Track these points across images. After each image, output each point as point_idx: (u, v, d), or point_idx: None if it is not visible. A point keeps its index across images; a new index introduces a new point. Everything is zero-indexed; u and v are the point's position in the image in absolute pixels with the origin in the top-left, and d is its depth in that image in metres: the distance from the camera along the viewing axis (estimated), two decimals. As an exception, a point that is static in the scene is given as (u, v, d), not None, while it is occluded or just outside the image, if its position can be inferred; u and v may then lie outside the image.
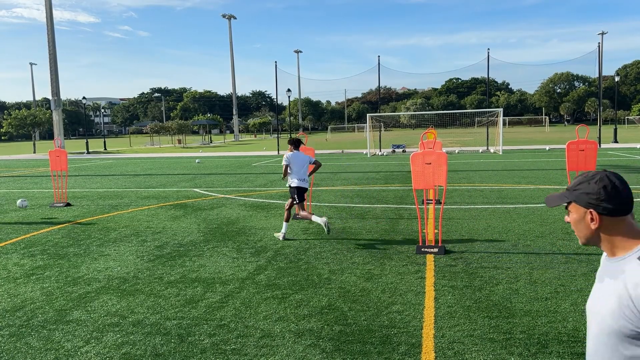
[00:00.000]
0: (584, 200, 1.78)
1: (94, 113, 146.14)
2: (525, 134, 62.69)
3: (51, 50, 43.38)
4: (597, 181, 1.76)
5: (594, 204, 1.76)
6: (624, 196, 1.74)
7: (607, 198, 1.74)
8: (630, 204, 1.75)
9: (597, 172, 1.81)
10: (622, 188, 1.75)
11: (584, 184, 1.79)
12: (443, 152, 7.92)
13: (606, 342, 1.77)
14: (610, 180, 1.75)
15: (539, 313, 5.31)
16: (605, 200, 1.74)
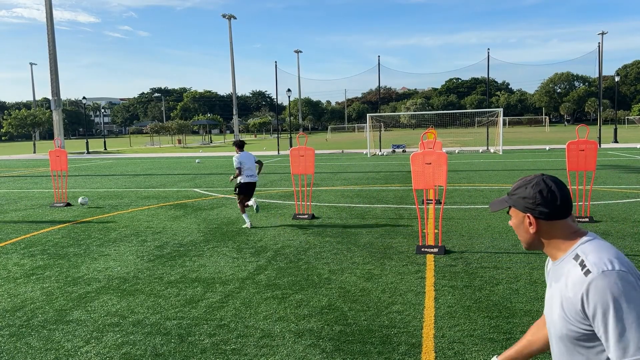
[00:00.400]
0: (522, 204, 1.77)
1: (94, 113, 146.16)
2: (525, 134, 62.69)
3: (51, 50, 43.38)
4: (534, 185, 1.75)
5: (530, 209, 1.75)
6: (560, 200, 1.72)
7: (543, 202, 1.72)
8: (567, 207, 1.73)
9: (535, 176, 1.80)
10: (559, 192, 1.73)
11: (521, 189, 1.78)
12: (443, 152, 7.92)
13: (563, 348, 1.73)
14: (547, 185, 1.73)
15: (539, 313, 5.31)
16: (541, 205, 1.73)
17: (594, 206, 11.35)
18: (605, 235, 8.64)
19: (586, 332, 1.62)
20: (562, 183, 1.77)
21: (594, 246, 1.67)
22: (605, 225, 9.44)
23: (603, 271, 1.56)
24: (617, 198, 12.65)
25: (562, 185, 1.76)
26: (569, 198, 1.74)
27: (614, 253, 1.64)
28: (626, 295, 1.53)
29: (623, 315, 1.51)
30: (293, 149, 11.12)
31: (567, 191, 1.76)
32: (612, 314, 1.52)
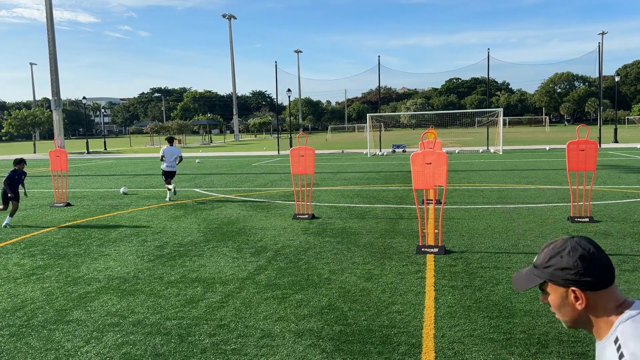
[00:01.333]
0: (561, 277, 1.48)
1: (94, 113, 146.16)
2: (525, 134, 62.69)
3: (51, 50, 43.38)
4: (570, 252, 1.48)
5: (574, 280, 1.46)
6: (605, 263, 1.47)
7: (588, 270, 1.45)
8: (612, 271, 1.49)
9: (565, 239, 1.53)
10: (600, 254, 1.48)
11: (555, 259, 1.50)
12: (443, 152, 7.92)
13: None
14: (584, 248, 1.47)
15: (539, 313, 5.31)
16: (586, 274, 1.45)
17: (594, 206, 11.35)
18: (606, 235, 8.64)
19: None
20: (595, 242, 1.52)
21: (636, 327, 1.40)
22: (605, 225, 9.44)
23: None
24: (617, 198, 12.65)
25: (598, 246, 1.51)
26: (610, 260, 1.50)
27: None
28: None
29: None
30: (293, 149, 11.12)
31: (604, 252, 1.51)
32: None
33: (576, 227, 9.39)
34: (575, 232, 8.93)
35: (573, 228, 9.29)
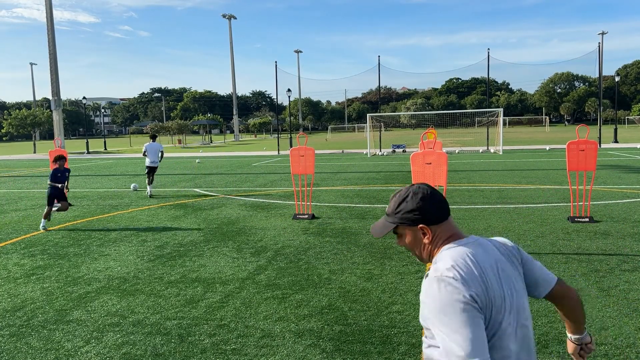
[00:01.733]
0: (410, 218, 1.74)
1: (94, 113, 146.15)
2: (525, 134, 62.69)
3: (51, 50, 43.37)
4: (413, 196, 1.75)
5: (421, 219, 1.74)
6: (439, 200, 1.75)
7: (429, 207, 1.73)
8: (447, 205, 1.78)
9: (407, 187, 1.81)
10: (434, 193, 1.76)
11: (403, 204, 1.76)
12: (443, 152, 7.92)
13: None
14: (423, 191, 1.76)
15: (539, 313, 5.31)
16: (426, 213, 1.73)
17: (594, 206, 11.35)
18: (606, 235, 8.64)
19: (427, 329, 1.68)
20: (430, 186, 1.80)
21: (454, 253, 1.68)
22: (605, 225, 9.44)
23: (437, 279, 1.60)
24: (617, 198, 12.65)
25: (433, 188, 1.79)
26: (443, 197, 1.78)
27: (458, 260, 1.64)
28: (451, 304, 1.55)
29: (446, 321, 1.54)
30: (293, 149, 11.12)
31: (440, 193, 1.79)
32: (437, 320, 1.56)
33: (576, 227, 9.39)
34: (575, 233, 8.94)
35: (573, 228, 9.29)
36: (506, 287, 1.68)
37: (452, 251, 1.68)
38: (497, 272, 1.68)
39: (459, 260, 1.63)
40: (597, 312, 5.29)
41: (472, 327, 1.53)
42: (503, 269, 1.71)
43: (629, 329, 4.87)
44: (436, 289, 1.58)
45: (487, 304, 1.60)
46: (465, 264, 1.62)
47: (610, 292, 5.87)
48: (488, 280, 1.62)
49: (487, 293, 1.60)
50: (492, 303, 1.61)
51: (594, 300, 5.66)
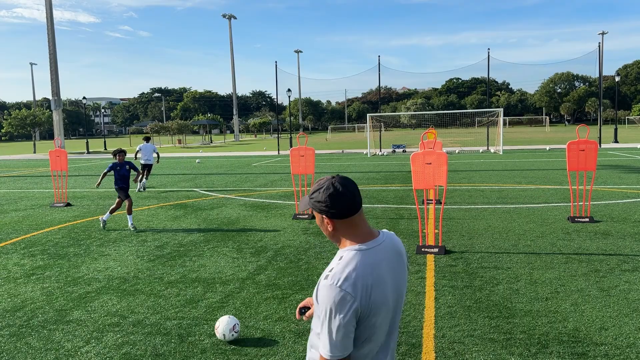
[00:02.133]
0: (317, 207, 1.94)
1: (94, 113, 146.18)
2: (525, 134, 62.69)
3: (51, 50, 43.39)
4: (324, 190, 1.92)
5: (325, 211, 1.92)
6: (347, 201, 1.90)
7: (333, 204, 1.90)
8: (353, 206, 1.91)
9: (327, 179, 1.96)
10: (347, 193, 1.90)
11: (316, 193, 1.95)
12: (443, 152, 7.92)
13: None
14: (335, 188, 1.90)
15: (539, 313, 5.31)
16: (331, 208, 1.91)
17: (594, 206, 11.35)
18: (606, 235, 8.64)
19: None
20: (350, 184, 1.94)
21: (351, 258, 1.87)
22: (605, 225, 9.43)
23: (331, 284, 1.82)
24: (617, 198, 12.65)
25: (349, 187, 1.93)
26: (353, 197, 1.92)
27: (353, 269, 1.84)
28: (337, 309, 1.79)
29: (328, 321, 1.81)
30: (293, 149, 11.12)
31: (352, 191, 1.93)
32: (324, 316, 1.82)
33: (576, 227, 9.39)
34: (575, 233, 8.94)
35: (573, 228, 9.29)
36: (393, 291, 1.93)
37: (351, 257, 1.88)
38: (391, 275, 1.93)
39: (357, 272, 1.84)
40: (597, 312, 5.30)
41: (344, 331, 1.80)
42: (397, 271, 1.96)
43: (629, 329, 4.86)
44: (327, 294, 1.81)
45: (366, 311, 1.83)
46: (359, 277, 1.83)
47: (610, 292, 5.87)
48: (372, 289, 1.84)
49: (369, 301, 1.83)
50: (373, 308, 1.84)
51: (594, 300, 5.66)
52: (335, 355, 1.84)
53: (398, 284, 1.97)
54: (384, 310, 1.89)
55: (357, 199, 1.94)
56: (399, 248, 2.03)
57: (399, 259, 2.00)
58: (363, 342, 1.90)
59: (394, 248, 2.00)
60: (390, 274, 1.94)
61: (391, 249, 1.99)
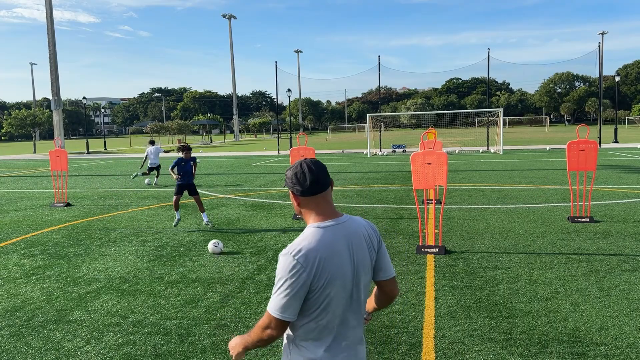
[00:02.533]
0: (287, 184, 2.19)
1: (94, 113, 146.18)
2: (525, 134, 62.68)
3: (51, 50, 43.38)
4: (293, 169, 2.16)
5: (290, 187, 2.17)
6: (310, 181, 2.11)
7: (294, 183, 2.14)
8: (315, 187, 2.11)
9: (298, 161, 2.19)
10: (309, 174, 2.11)
11: (288, 171, 2.19)
12: (443, 152, 7.92)
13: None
14: (301, 168, 2.13)
15: (539, 313, 5.31)
16: (294, 185, 2.14)
17: (594, 206, 11.35)
18: (606, 235, 8.64)
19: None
20: (318, 166, 2.14)
21: (309, 234, 2.08)
22: (605, 225, 9.43)
23: (286, 253, 2.04)
24: (618, 198, 12.65)
25: (315, 169, 2.13)
26: (317, 180, 2.12)
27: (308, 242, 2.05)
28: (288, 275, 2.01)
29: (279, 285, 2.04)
30: (293, 149, 11.12)
31: (317, 173, 2.12)
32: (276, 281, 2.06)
33: (576, 227, 9.39)
34: (575, 233, 8.94)
35: (573, 228, 9.29)
36: (350, 266, 2.10)
37: (313, 233, 2.08)
38: (348, 253, 2.10)
39: (310, 245, 2.04)
40: (597, 312, 5.30)
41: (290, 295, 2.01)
42: (356, 250, 2.13)
43: (629, 329, 4.86)
44: (282, 261, 2.04)
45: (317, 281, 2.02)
46: (312, 249, 2.03)
47: (610, 292, 5.87)
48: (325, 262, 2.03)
49: (319, 272, 2.02)
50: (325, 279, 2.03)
51: (593, 300, 5.66)
52: (276, 313, 2.05)
53: (356, 261, 2.13)
54: (338, 283, 2.06)
55: (320, 181, 2.13)
56: (360, 230, 2.18)
57: (359, 240, 2.15)
58: (320, 312, 2.08)
59: (355, 229, 2.16)
60: (347, 251, 2.10)
61: (352, 229, 2.15)
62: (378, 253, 2.25)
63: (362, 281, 2.17)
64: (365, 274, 2.18)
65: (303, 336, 2.12)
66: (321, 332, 2.10)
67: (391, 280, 2.31)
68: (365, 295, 2.22)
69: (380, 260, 2.26)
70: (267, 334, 2.10)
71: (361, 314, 2.22)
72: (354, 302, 2.16)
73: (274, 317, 2.06)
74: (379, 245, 2.26)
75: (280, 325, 2.06)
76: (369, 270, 2.20)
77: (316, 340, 2.11)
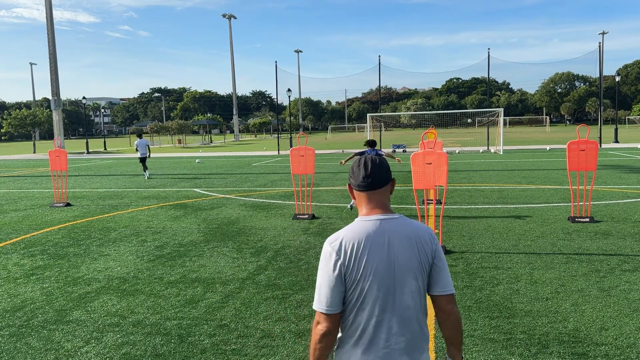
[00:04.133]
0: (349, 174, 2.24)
1: (94, 113, 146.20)
2: (525, 134, 62.67)
3: (51, 50, 43.37)
4: (355, 162, 2.23)
5: (349, 177, 2.24)
6: (361, 177, 2.15)
7: (350, 176, 2.22)
8: (365, 184, 2.15)
9: (365, 155, 2.24)
10: (363, 170, 2.16)
11: (354, 162, 2.26)
12: (443, 152, 7.91)
13: None
14: (359, 163, 2.20)
15: (540, 313, 5.30)
16: (350, 178, 2.22)
17: (594, 206, 11.34)
18: (606, 235, 8.63)
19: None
20: (375, 165, 2.16)
21: (352, 225, 2.12)
22: (605, 225, 9.43)
23: (325, 242, 2.13)
24: (618, 198, 12.65)
25: (372, 167, 2.16)
26: (370, 177, 2.14)
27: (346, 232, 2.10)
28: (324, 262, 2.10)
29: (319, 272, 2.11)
30: (293, 149, 11.11)
31: (373, 171, 2.14)
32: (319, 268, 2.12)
33: (577, 227, 9.38)
34: (575, 233, 8.94)
35: (573, 228, 9.29)
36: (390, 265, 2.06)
37: (355, 224, 2.12)
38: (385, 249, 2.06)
39: (348, 234, 2.08)
40: (597, 312, 5.29)
41: (329, 285, 2.05)
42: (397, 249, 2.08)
43: (629, 329, 4.86)
44: (322, 250, 2.13)
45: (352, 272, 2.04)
46: (348, 238, 2.07)
47: (610, 293, 5.86)
48: (361, 253, 2.04)
49: (355, 263, 2.04)
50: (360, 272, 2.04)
51: (594, 300, 5.65)
52: (316, 305, 2.07)
53: (396, 260, 2.07)
54: (374, 280, 2.04)
55: (374, 180, 2.14)
56: (410, 231, 2.12)
57: (403, 239, 2.09)
58: (356, 310, 2.07)
59: (402, 228, 2.11)
60: (385, 247, 2.06)
61: (398, 228, 2.11)
62: (434, 264, 2.13)
63: (407, 285, 2.07)
64: (411, 278, 2.08)
65: (343, 336, 2.11)
66: (360, 334, 2.07)
67: (448, 297, 2.14)
68: (416, 303, 2.10)
69: (437, 273, 2.13)
70: (319, 329, 2.07)
71: (409, 322, 2.09)
72: (397, 307, 2.07)
73: (316, 311, 2.07)
74: (435, 254, 2.14)
75: (325, 318, 2.04)
76: (418, 275, 2.09)
77: (354, 341, 2.08)
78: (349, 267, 2.03)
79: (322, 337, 2.06)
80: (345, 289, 2.06)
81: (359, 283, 2.04)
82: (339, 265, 2.03)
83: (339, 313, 2.07)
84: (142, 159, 21.41)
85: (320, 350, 2.08)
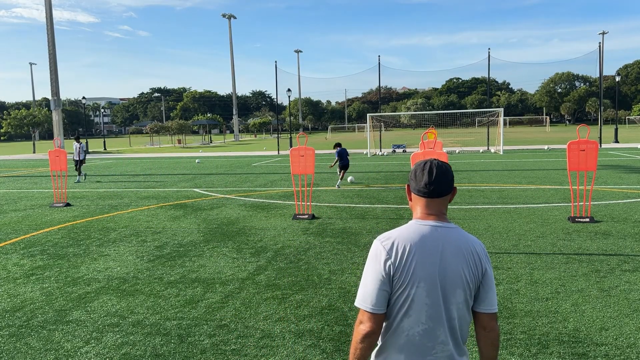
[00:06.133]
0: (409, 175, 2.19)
1: (94, 113, 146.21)
2: (526, 134, 62.67)
3: (51, 50, 43.36)
4: (418, 163, 2.16)
5: (409, 180, 2.18)
6: (424, 182, 2.09)
7: (412, 178, 2.15)
8: (425, 190, 2.09)
9: (429, 158, 2.18)
10: (425, 175, 2.09)
11: (416, 163, 2.20)
12: (444, 152, 7.91)
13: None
14: (420, 167, 2.13)
15: (540, 313, 5.30)
16: (411, 180, 2.15)
17: (594, 206, 11.34)
18: (606, 236, 8.63)
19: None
20: (439, 172, 2.08)
21: (405, 226, 2.09)
22: (606, 225, 9.43)
23: (376, 240, 2.08)
24: (618, 198, 12.64)
25: (436, 174, 2.08)
26: (431, 184, 2.08)
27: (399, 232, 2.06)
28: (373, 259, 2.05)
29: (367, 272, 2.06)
30: (293, 149, 11.11)
31: (436, 179, 2.07)
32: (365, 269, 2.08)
33: (577, 227, 9.38)
34: (575, 233, 8.93)
35: (573, 228, 9.28)
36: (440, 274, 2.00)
37: (409, 225, 2.08)
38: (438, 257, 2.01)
39: (401, 235, 2.04)
40: (597, 313, 5.29)
41: (375, 283, 2.00)
42: (449, 258, 2.02)
43: (629, 329, 4.86)
44: (371, 248, 2.08)
45: (401, 274, 1.99)
46: (401, 239, 2.02)
47: (610, 293, 5.86)
48: (411, 256, 2.00)
49: (404, 265, 1.98)
50: (409, 276, 1.99)
51: (594, 300, 5.65)
52: (359, 303, 2.03)
53: (446, 270, 2.01)
54: (423, 287, 1.99)
55: (435, 187, 2.08)
56: (463, 242, 2.07)
57: (455, 249, 2.04)
58: (402, 315, 2.02)
59: (455, 239, 2.06)
60: (438, 255, 2.01)
61: (452, 237, 2.06)
62: (483, 281, 2.09)
63: (455, 296, 2.03)
64: (459, 289, 2.03)
65: (386, 339, 2.07)
66: (405, 340, 2.02)
67: (491, 315, 2.12)
68: (461, 315, 2.07)
69: (485, 291, 2.10)
70: (361, 328, 2.04)
71: (454, 333, 2.06)
72: (445, 316, 2.03)
73: (360, 309, 2.03)
74: (484, 271, 2.09)
75: (369, 317, 2.00)
76: (466, 288, 2.05)
77: (399, 347, 2.04)
78: (398, 268, 1.98)
79: (364, 337, 2.04)
80: (392, 291, 2.01)
81: (407, 287, 1.99)
82: (389, 265, 1.99)
83: (384, 314, 2.02)
84: (77, 162, 21.69)
85: (361, 351, 2.07)
